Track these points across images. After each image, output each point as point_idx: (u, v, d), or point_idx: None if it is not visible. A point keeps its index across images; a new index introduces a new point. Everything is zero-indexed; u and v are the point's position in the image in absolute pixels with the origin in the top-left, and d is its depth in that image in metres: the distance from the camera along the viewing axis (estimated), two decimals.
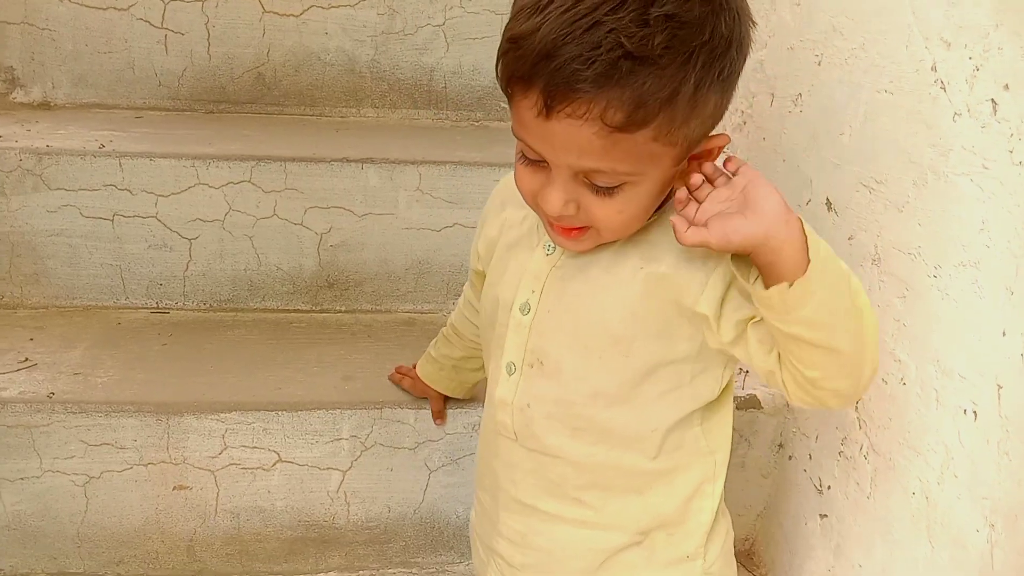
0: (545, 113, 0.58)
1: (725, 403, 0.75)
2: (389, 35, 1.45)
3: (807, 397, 0.63)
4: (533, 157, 0.63)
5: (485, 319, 0.79)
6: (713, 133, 0.63)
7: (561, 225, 0.65)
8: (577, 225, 0.65)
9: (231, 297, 1.27)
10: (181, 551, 1.09)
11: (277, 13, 1.41)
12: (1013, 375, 0.71)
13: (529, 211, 0.74)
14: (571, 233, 0.66)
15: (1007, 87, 0.70)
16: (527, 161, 0.64)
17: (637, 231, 0.67)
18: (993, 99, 0.71)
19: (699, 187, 0.62)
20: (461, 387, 1.03)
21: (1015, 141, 0.69)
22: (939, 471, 0.82)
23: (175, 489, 1.05)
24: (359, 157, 1.22)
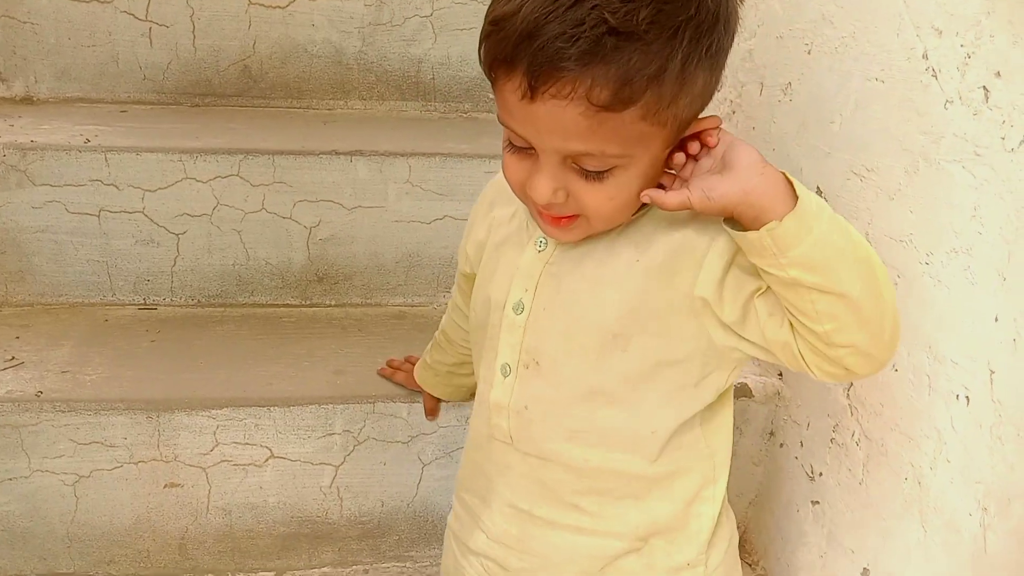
0: (530, 95, 0.57)
1: (725, 404, 0.74)
2: (376, 26, 1.44)
3: (827, 365, 0.60)
4: (519, 144, 0.62)
5: (476, 321, 0.77)
6: (703, 115, 0.62)
7: (550, 213, 0.64)
8: (567, 213, 0.63)
9: (219, 292, 1.26)
10: (173, 549, 1.09)
11: (263, 5, 1.40)
12: (1005, 360, 0.72)
13: (517, 208, 0.73)
14: (560, 222, 0.64)
15: (999, 74, 0.70)
16: (514, 149, 0.63)
17: (629, 223, 0.66)
18: (985, 86, 0.71)
19: (684, 166, 0.61)
20: (457, 392, 1.02)
21: (1007, 128, 0.69)
22: (932, 456, 0.82)
23: (166, 487, 1.04)
24: (348, 150, 1.21)
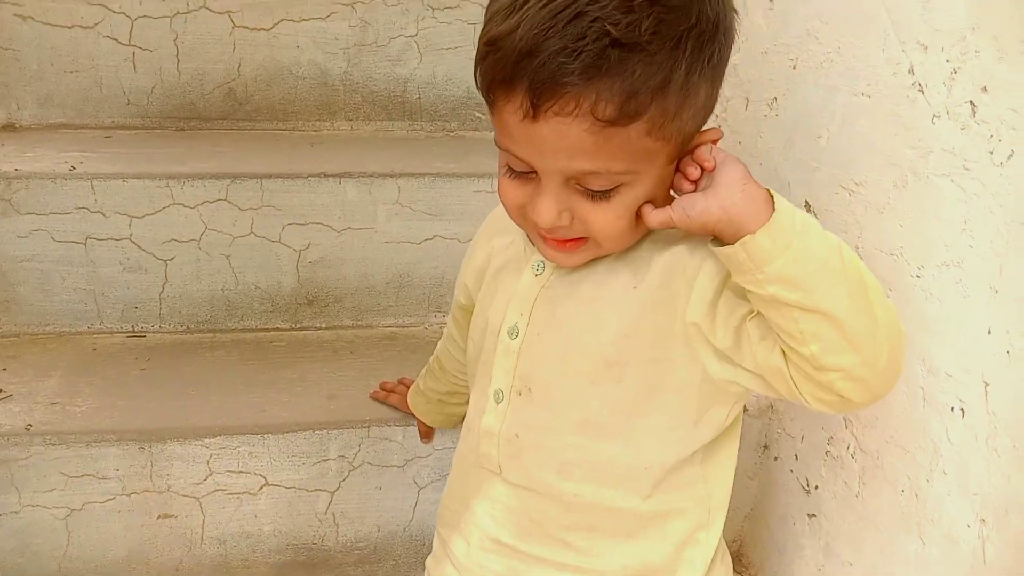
0: (532, 114, 0.55)
1: (729, 445, 0.71)
2: (361, 47, 1.44)
3: (819, 391, 0.58)
4: (519, 168, 0.61)
5: (473, 348, 0.76)
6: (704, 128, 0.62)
7: (555, 237, 0.63)
8: (573, 236, 0.62)
9: (209, 318, 1.25)
10: None
11: (247, 27, 1.39)
12: (1000, 372, 0.72)
13: (516, 236, 0.72)
14: (566, 245, 0.63)
15: (985, 89, 0.71)
16: (513, 174, 0.62)
17: (630, 247, 0.66)
18: (972, 101, 0.72)
19: (699, 178, 0.60)
20: (448, 420, 1.02)
21: (995, 142, 0.70)
22: (928, 468, 0.82)
23: (159, 518, 1.03)
24: (336, 172, 1.21)
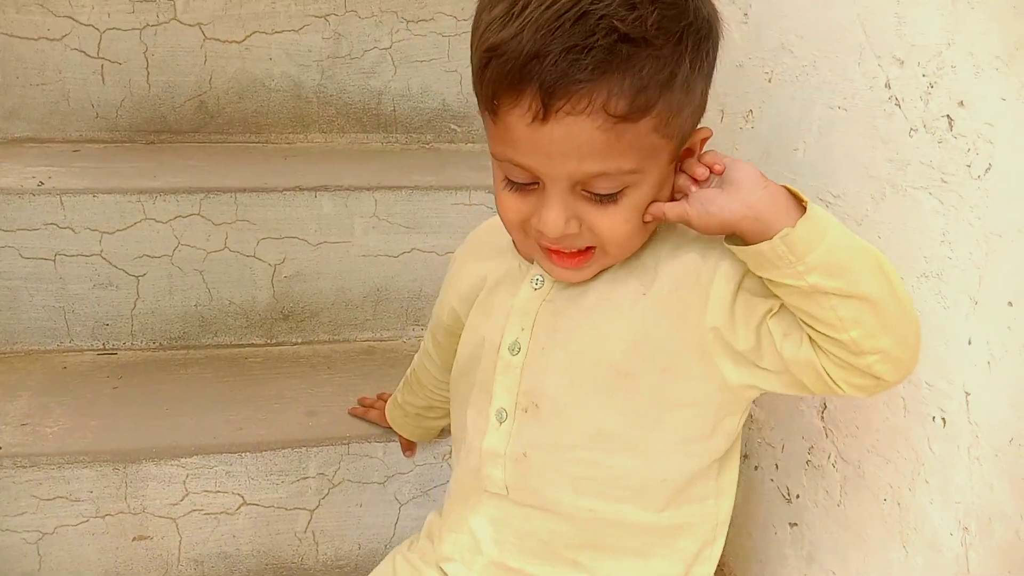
0: (542, 116, 0.55)
1: (735, 454, 0.72)
2: (335, 59, 1.43)
3: (855, 377, 0.58)
4: (521, 179, 0.59)
5: (463, 365, 0.75)
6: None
7: (561, 250, 0.62)
8: (580, 246, 0.61)
9: (182, 334, 1.23)
10: None
11: (219, 40, 1.38)
12: (981, 382, 0.73)
13: (506, 254, 0.71)
14: (573, 260, 0.62)
15: (962, 103, 0.72)
16: (513, 187, 0.61)
17: (627, 258, 0.65)
18: (949, 115, 0.73)
19: (706, 180, 0.61)
20: (426, 434, 1.01)
21: (972, 156, 0.71)
22: (910, 477, 0.83)
23: (135, 540, 1.00)
24: (312, 185, 1.20)
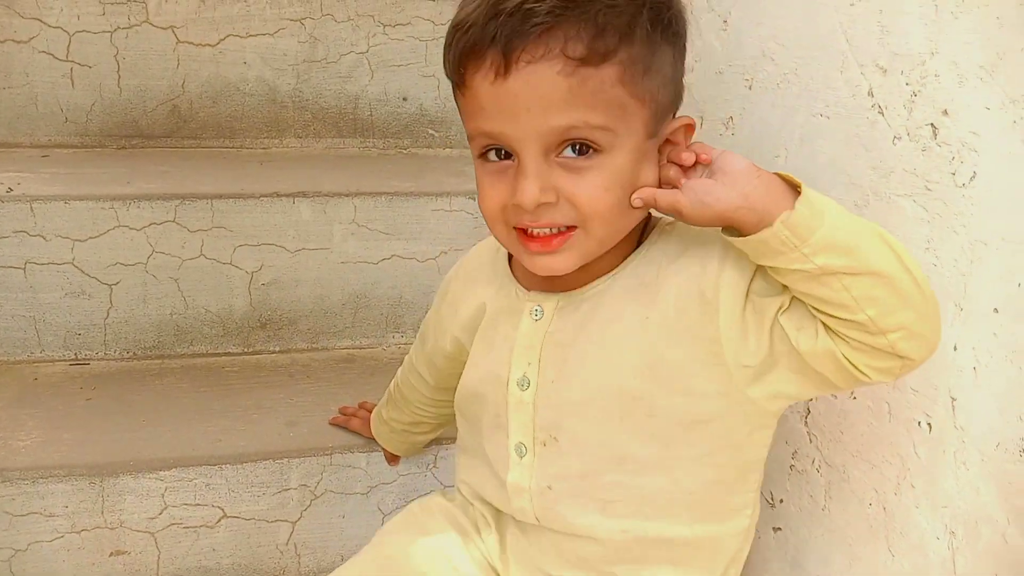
0: (503, 70, 0.56)
1: (761, 464, 0.71)
2: (311, 63, 1.42)
3: (878, 360, 0.57)
4: (495, 145, 0.60)
5: (469, 392, 0.74)
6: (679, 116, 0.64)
7: (539, 228, 0.61)
8: (559, 223, 0.60)
9: (156, 344, 1.20)
10: None
11: (192, 43, 1.36)
12: (966, 388, 0.74)
13: (501, 280, 0.71)
14: (551, 243, 0.61)
15: (946, 112, 0.73)
16: (490, 167, 0.61)
17: (624, 274, 0.65)
18: (932, 124, 0.74)
19: (692, 167, 0.61)
20: (412, 448, 1.00)
21: (957, 164, 0.72)
22: (895, 482, 0.84)
23: (112, 555, 0.98)
24: (291, 191, 1.18)
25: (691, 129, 0.65)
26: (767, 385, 0.62)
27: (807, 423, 0.98)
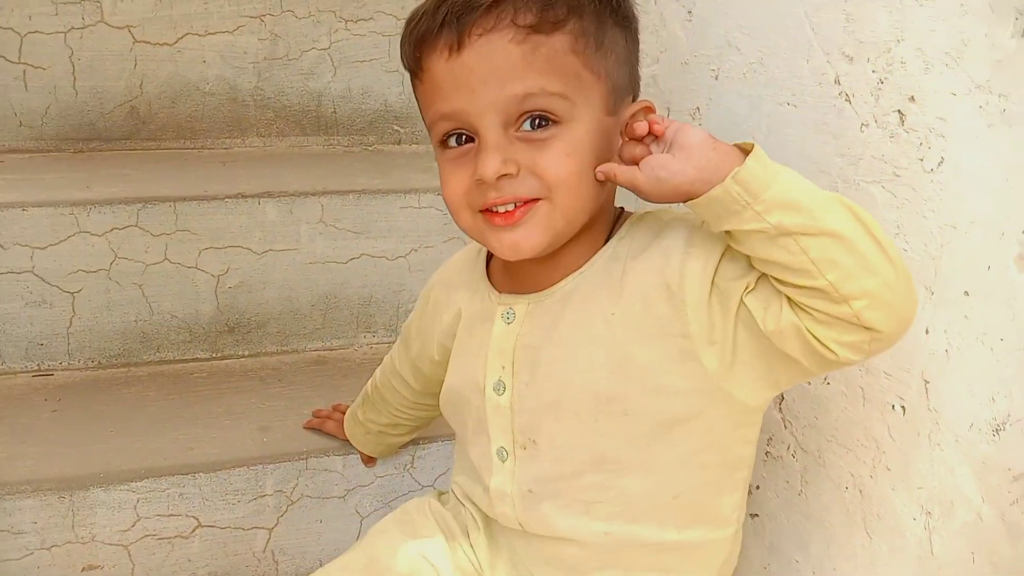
0: (457, 43, 0.58)
1: (749, 467, 0.71)
2: (272, 61, 1.39)
3: (845, 333, 0.54)
4: (455, 129, 0.61)
5: (452, 396, 0.73)
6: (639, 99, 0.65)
7: (503, 204, 0.60)
8: (522, 195, 0.60)
9: (122, 352, 1.18)
10: None
11: (149, 42, 1.33)
12: (939, 370, 0.75)
13: (477, 285, 0.70)
14: (514, 216, 0.60)
15: (913, 99, 0.73)
16: (452, 154, 0.62)
17: (592, 271, 0.64)
18: (900, 110, 0.75)
19: (645, 135, 0.60)
20: (388, 450, 0.99)
21: (924, 149, 0.73)
22: (871, 465, 0.85)
23: (84, 570, 0.96)
24: (256, 191, 1.16)
25: (651, 111, 0.65)
26: (739, 375, 0.62)
27: (781, 409, 0.98)
